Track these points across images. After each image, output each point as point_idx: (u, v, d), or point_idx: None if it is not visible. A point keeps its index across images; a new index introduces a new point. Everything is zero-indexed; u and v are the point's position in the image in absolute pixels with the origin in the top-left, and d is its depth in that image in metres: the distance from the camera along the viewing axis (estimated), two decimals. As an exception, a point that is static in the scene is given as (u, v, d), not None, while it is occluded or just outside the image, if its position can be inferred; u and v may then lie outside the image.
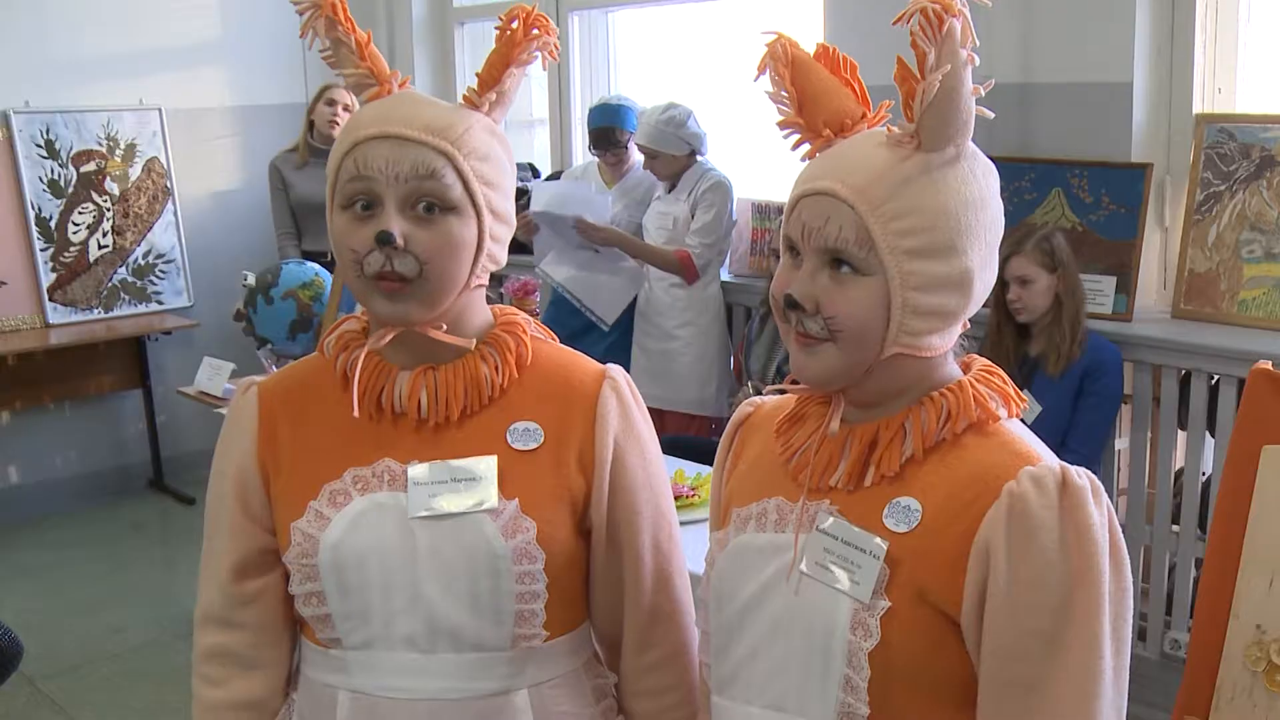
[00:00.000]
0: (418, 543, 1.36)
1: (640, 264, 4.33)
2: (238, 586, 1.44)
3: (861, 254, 1.15)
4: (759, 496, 1.30)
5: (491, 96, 1.41)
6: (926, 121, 1.14)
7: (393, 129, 1.33)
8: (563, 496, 1.40)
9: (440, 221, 1.33)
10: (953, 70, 1.11)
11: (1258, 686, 1.76)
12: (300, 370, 1.51)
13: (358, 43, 1.40)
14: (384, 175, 1.32)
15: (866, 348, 1.18)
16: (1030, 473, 1.14)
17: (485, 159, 1.36)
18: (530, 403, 1.43)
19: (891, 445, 1.21)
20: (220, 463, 1.47)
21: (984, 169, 1.20)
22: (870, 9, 3.90)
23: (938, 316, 1.18)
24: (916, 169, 1.16)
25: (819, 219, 1.17)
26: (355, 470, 1.39)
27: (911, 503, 1.19)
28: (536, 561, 1.37)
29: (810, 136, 1.24)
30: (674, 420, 4.29)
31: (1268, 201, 3.28)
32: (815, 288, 1.18)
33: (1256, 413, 1.82)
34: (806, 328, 1.19)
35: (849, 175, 1.17)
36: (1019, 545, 1.13)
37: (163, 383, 5.47)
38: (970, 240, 1.17)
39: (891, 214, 1.15)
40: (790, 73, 1.23)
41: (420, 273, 1.33)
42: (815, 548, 1.22)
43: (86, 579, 4.63)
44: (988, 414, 1.22)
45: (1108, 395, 3.28)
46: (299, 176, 4.97)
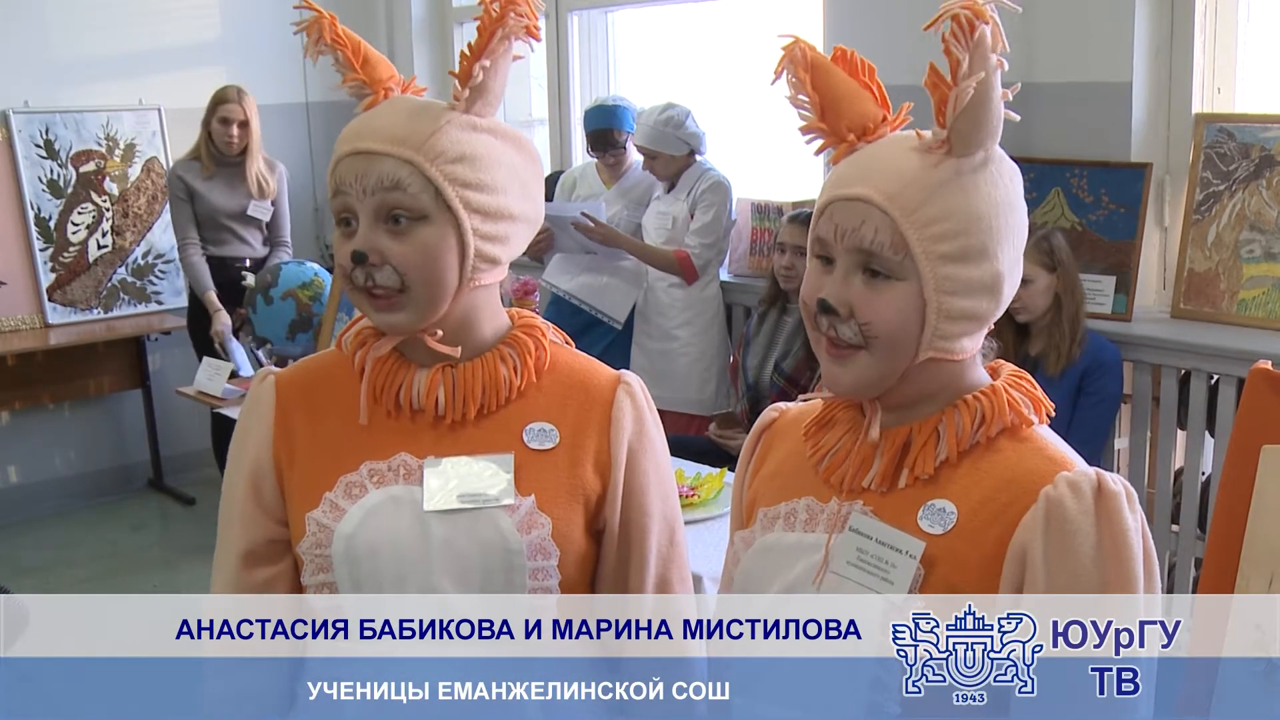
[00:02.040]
0: (432, 536, 1.37)
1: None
2: (247, 575, 1.45)
3: (896, 259, 1.16)
4: (787, 496, 1.30)
5: (465, 92, 1.38)
6: (959, 127, 1.15)
7: (362, 144, 1.35)
8: (577, 496, 1.42)
9: (412, 231, 1.34)
10: (985, 76, 1.12)
11: (1258, 687, 1.76)
12: (318, 363, 1.52)
13: (346, 58, 1.42)
14: (354, 190, 1.35)
15: (901, 354, 1.19)
16: (1067, 478, 1.15)
17: (459, 159, 1.36)
18: (546, 405, 1.44)
19: (926, 448, 1.21)
20: (235, 451, 1.49)
21: (1010, 172, 1.21)
22: (870, 9, 3.91)
23: (970, 320, 1.19)
24: (948, 174, 1.17)
25: (853, 221, 1.17)
26: (371, 464, 1.40)
27: (946, 505, 1.20)
28: (551, 557, 1.38)
29: (834, 141, 1.24)
30: (673, 420, 4.28)
31: (1267, 201, 3.28)
32: (849, 293, 1.18)
33: (1256, 412, 1.82)
34: (840, 334, 1.19)
35: (881, 181, 1.17)
36: (1056, 550, 1.14)
37: (162, 383, 5.46)
38: (1001, 243, 1.19)
39: (926, 220, 1.16)
40: (811, 77, 1.23)
41: (402, 284, 1.35)
42: (848, 548, 1.22)
43: (86, 579, 4.62)
44: (1021, 419, 1.22)
45: (1107, 395, 3.28)
46: (207, 186, 4.86)
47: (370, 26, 5.81)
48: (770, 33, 1.25)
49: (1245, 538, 1.78)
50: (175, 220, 4.90)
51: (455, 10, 5.75)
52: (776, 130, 4.72)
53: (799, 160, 4.57)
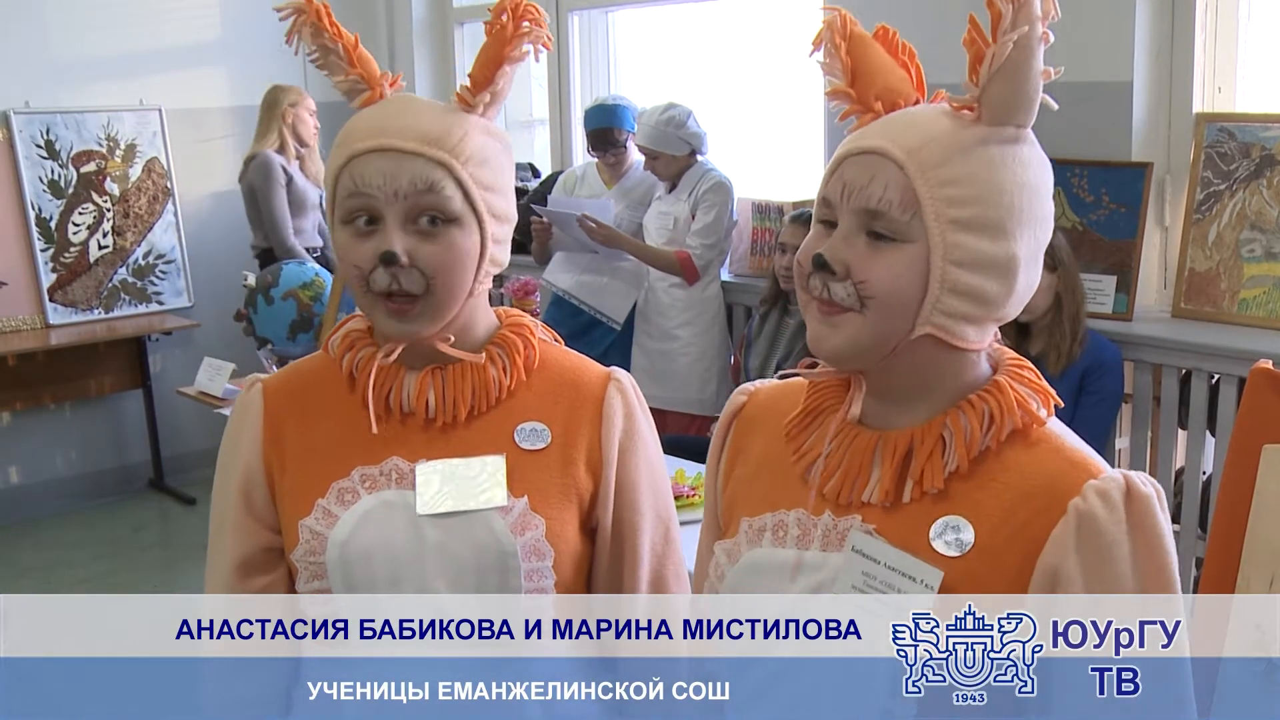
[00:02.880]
0: (425, 540, 1.37)
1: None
2: (242, 585, 1.45)
3: (904, 218, 1.07)
4: (773, 506, 1.21)
5: (485, 97, 1.37)
6: (992, 90, 1.07)
7: (388, 141, 1.31)
8: (570, 496, 1.41)
9: (444, 234, 1.32)
10: (1027, 36, 1.04)
11: (1258, 687, 1.76)
12: (305, 368, 1.51)
13: (345, 48, 1.38)
14: (383, 191, 1.30)
15: (896, 320, 1.09)
16: (1095, 487, 1.07)
17: (484, 163, 1.35)
18: (537, 404, 1.43)
19: (932, 456, 1.11)
20: (225, 460, 1.47)
21: (1041, 161, 1.13)
22: (871, 9, 3.90)
23: (976, 300, 1.10)
24: (974, 139, 1.09)
25: (863, 177, 1.09)
26: (363, 468, 1.39)
27: (962, 523, 1.10)
28: (545, 558, 1.38)
29: (859, 109, 1.16)
30: (674, 420, 4.29)
31: (1268, 201, 3.27)
32: (849, 252, 1.09)
33: (1257, 412, 1.81)
34: (833, 293, 1.09)
35: (901, 135, 1.09)
36: (1093, 566, 1.06)
37: (163, 383, 5.47)
38: (1020, 226, 1.10)
39: (942, 179, 1.07)
40: (847, 44, 1.16)
41: (427, 288, 1.32)
42: (851, 570, 1.12)
43: (86, 579, 4.62)
44: (1032, 417, 1.13)
45: (1108, 394, 3.27)
46: (297, 175, 4.95)
47: (370, 26, 5.81)
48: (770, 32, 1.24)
49: (1246, 538, 1.78)
50: (278, 211, 4.86)
51: (455, 10, 5.75)
52: (777, 130, 4.72)
53: (800, 160, 4.57)
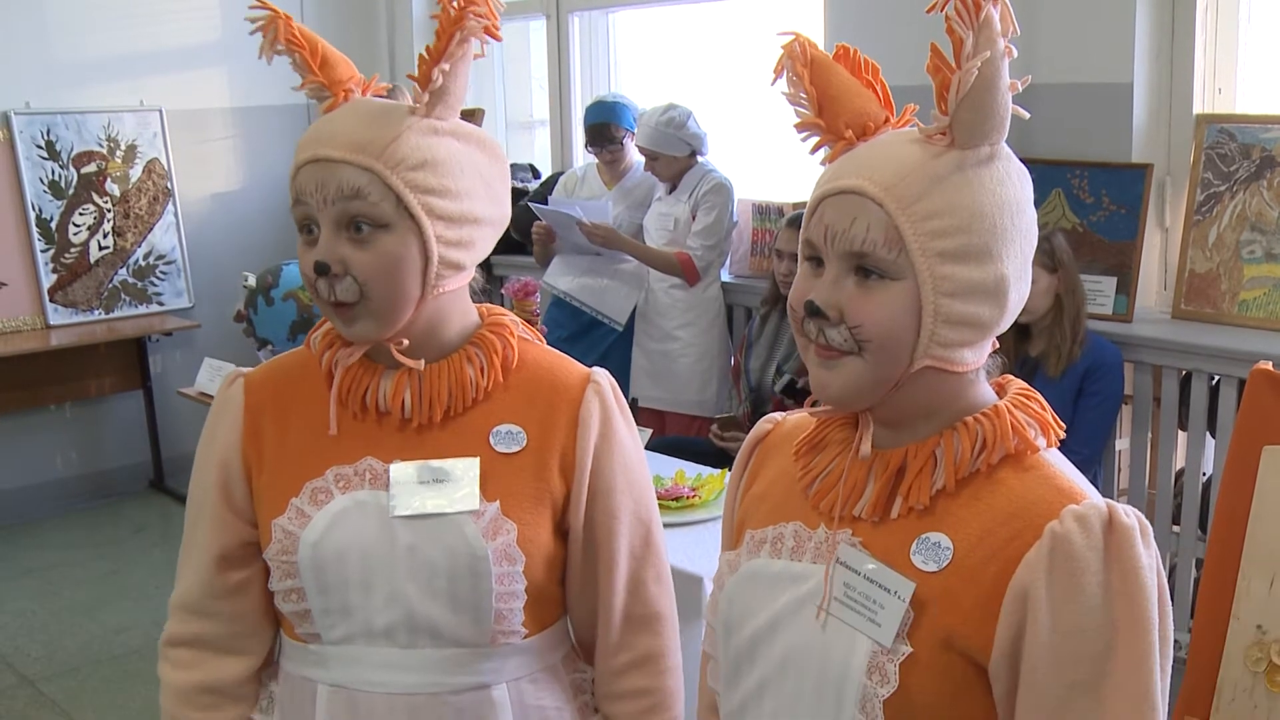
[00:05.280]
0: (398, 541, 1.36)
1: (640, 263, 4.34)
2: (220, 578, 1.45)
3: (890, 256, 1.07)
4: (775, 520, 1.22)
5: (425, 96, 1.35)
6: (961, 115, 1.06)
7: (321, 150, 1.32)
8: (543, 500, 1.41)
9: (374, 240, 1.32)
10: (991, 59, 1.03)
11: (1258, 687, 1.76)
12: (287, 364, 1.51)
13: (304, 59, 1.39)
14: (314, 199, 1.32)
15: (894, 360, 1.09)
16: (1074, 511, 1.06)
17: (420, 166, 1.33)
18: (514, 405, 1.43)
19: (921, 475, 1.12)
20: (204, 453, 1.48)
21: (1019, 173, 1.13)
22: (871, 9, 3.91)
23: (970, 327, 1.10)
24: (949, 167, 1.08)
25: (844, 220, 1.08)
26: (338, 468, 1.40)
27: (942, 539, 1.11)
28: (516, 563, 1.37)
29: (830, 139, 1.16)
30: (674, 421, 4.29)
31: (1268, 202, 3.28)
32: (839, 295, 1.09)
33: (1257, 413, 1.82)
34: (829, 338, 1.10)
35: (876, 172, 1.08)
36: (1062, 591, 1.05)
37: (163, 384, 5.47)
38: (1006, 245, 1.09)
39: (923, 213, 1.07)
40: (809, 72, 1.14)
41: (362, 294, 1.32)
42: (835, 582, 1.14)
43: (87, 580, 4.63)
44: (1026, 444, 1.13)
45: (1108, 396, 3.28)
46: None
47: (370, 26, 5.82)
48: (771, 33, 1.22)
49: (1246, 538, 1.78)
50: None
51: (456, 11, 5.75)
52: (777, 131, 4.72)
53: (800, 161, 4.57)
